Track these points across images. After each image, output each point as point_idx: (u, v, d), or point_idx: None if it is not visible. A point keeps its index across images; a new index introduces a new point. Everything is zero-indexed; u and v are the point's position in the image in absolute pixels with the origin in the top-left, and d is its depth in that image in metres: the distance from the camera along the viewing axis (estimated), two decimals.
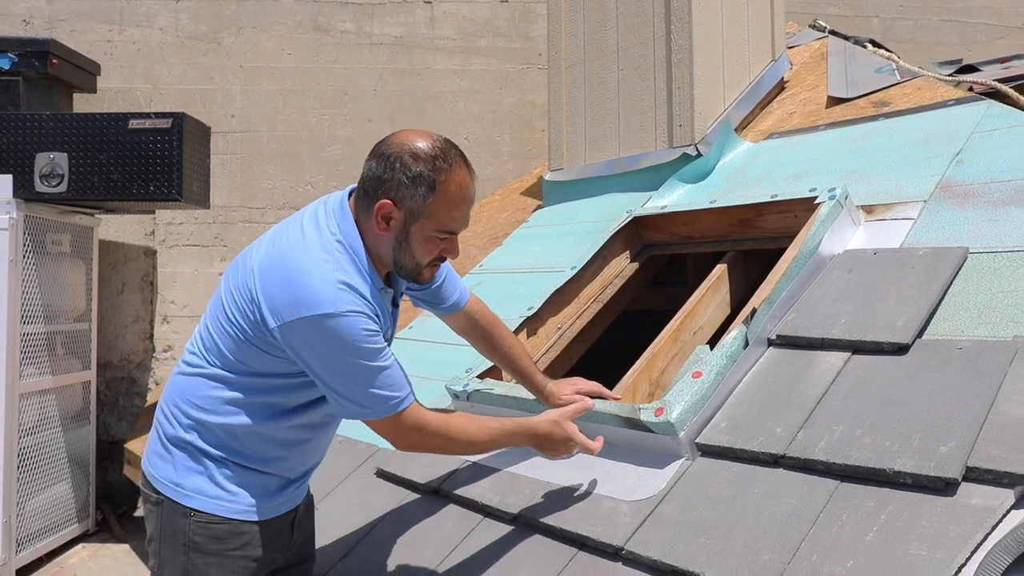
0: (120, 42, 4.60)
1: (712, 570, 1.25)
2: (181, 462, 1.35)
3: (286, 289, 1.22)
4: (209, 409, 1.34)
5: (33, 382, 3.41)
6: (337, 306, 1.20)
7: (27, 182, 3.28)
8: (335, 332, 1.20)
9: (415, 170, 1.23)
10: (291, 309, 1.21)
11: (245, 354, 1.31)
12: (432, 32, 4.81)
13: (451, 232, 1.30)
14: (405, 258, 1.30)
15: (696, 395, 1.57)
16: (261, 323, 1.25)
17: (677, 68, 2.87)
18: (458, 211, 1.28)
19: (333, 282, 1.21)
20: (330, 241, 1.26)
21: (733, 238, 2.32)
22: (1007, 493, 1.15)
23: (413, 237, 1.27)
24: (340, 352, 1.22)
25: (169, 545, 1.34)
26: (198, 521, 1.33)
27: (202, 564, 1.33)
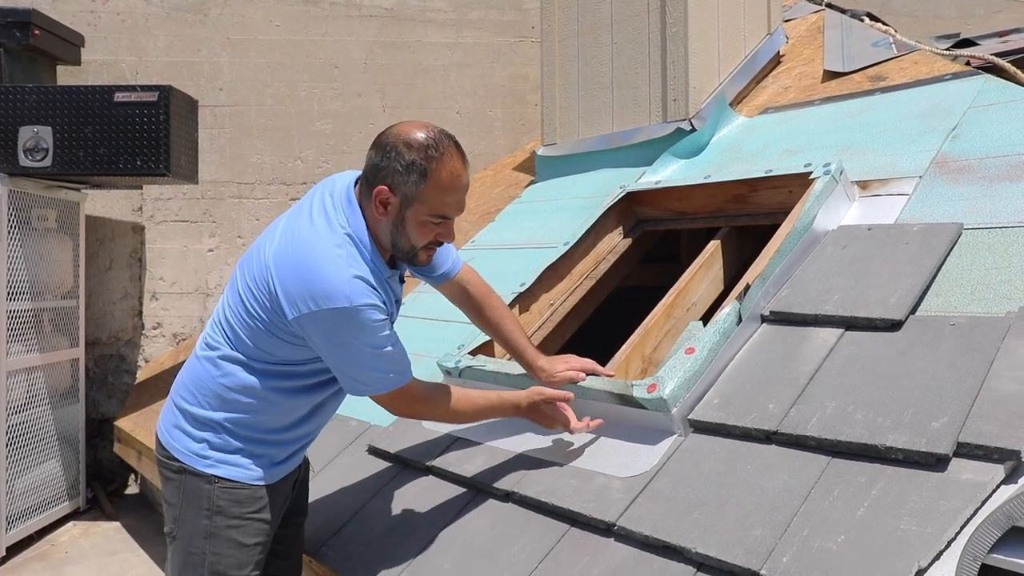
0: (104, 12, 4.49)
1: (704, 545, 1.25)
2: (205, 436, 1.45)
3: (303, 283, 1.31)
4: (232, 388, 1.44)
5: (20, 359, 3.38)
6: (351, 300, 1.30)
7: (11, 156, 3.22)
8: (348, 323, 1.31)
9: (408, 158, 1.31)
10: (308, 302, 1.30)
11: (266, 343, 1.41)
12: (423, 4, 4.72)
13: (444, 217, 1.37)
14: (402, 240, 1.38)
15: (689, 371, 1.57)
16: (280, 314, 1.34)
17: (671, 41, 2.83)
18: (450, 197, 1.35)
19: (347, 277, 1.30)
20: (340, 234, 1.34)
21: (727, 214, 2.31)
22: (997, 468, 1.15)
23: (408, 221, 1.35)
24: (352, 340, 1.33)
25: (192, 510, 1.44)
26: (222, 487, 1.43)
27: (224, 526, 1.42)
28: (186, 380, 1.50)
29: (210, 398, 1.45)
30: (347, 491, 1.92)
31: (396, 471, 1.91)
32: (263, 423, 1.46)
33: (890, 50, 2.70)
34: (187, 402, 1.47)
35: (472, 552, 1.52)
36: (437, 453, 1.85)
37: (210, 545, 1.42)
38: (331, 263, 1.31)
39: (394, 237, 1.37)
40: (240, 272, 1.45)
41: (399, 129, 1.35)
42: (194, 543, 1.43)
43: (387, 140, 1.34)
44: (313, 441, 1.62)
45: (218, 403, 1.44)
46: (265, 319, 1.38)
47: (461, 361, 2.01)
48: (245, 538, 1.44)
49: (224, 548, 1.42)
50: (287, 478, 1.55)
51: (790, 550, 1.17)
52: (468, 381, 1.98)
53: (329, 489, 1.95)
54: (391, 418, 2.12)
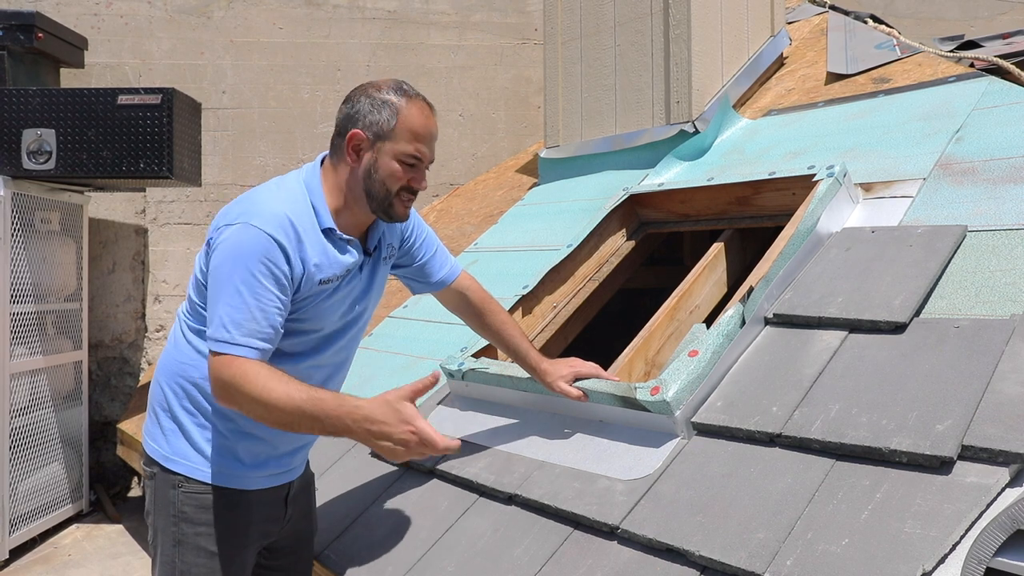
0: (107, 15, 4.51)
1: (707, 548, 1.25)
2: (169, 430, 1.40)
3: (233, 206, 1.31)
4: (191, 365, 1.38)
5: (23, 362, 3.38)
6: (264, 222, 1.25)
7: (14, 159, 3.22)
8: (242, 242, 1.25)
9: (378, 98, 1.34)
10: (227, 219, 1.29)
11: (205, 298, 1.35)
12: (426, 7, 4.73)
13: (416, 158, 1.35)
14: (376, 187, 1.35)
15: (692, 374, 1.56)
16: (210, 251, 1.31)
17: (675, 43, 2.83)
18: (422, 135, 1.35)
19: (277, 212, 1.28)
20: (287, 184, 1.35)
21: (730, 216, 2.31)
22: (1002, 471, 1.14)
23: (381, 162, 1.34)
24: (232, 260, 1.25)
25: (161, 516, 1.39)
26: (187, 492, 1.36)
27: (192, 534, 1.36)
28: (158, 373, 1.46)
29: (170, 382, 1.40)
30: (350, 494, 1.91)
31: (399, 474, 1.91)
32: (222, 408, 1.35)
33: (894, 52, 2.69)
34: (155, 395, 1.44)
35: (475, 555, 1.52)
36: (440, 457, 1.85)
37: (178, 553, 1.36)
38: (269, 195, 1.31)
39: (367, 184, 1.35)
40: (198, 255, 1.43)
41: (366, 83, 1.39)
42: (165, 552, 1.38)
43: (356, 92, 1.38)
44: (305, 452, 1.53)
45: (175, 386, 1.39)
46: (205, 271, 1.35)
47: (464, 364, 2.01)
48: (214, 546, 1.36)
49: (192, 556, 1.36)
50: (276, 490, 1.45)
51: (794, 553, 1.17)
52: (472, 384, 1.98)
53: (332, 492, 1.95)
54: None
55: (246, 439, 1.39)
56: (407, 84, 1.38)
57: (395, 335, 2.64)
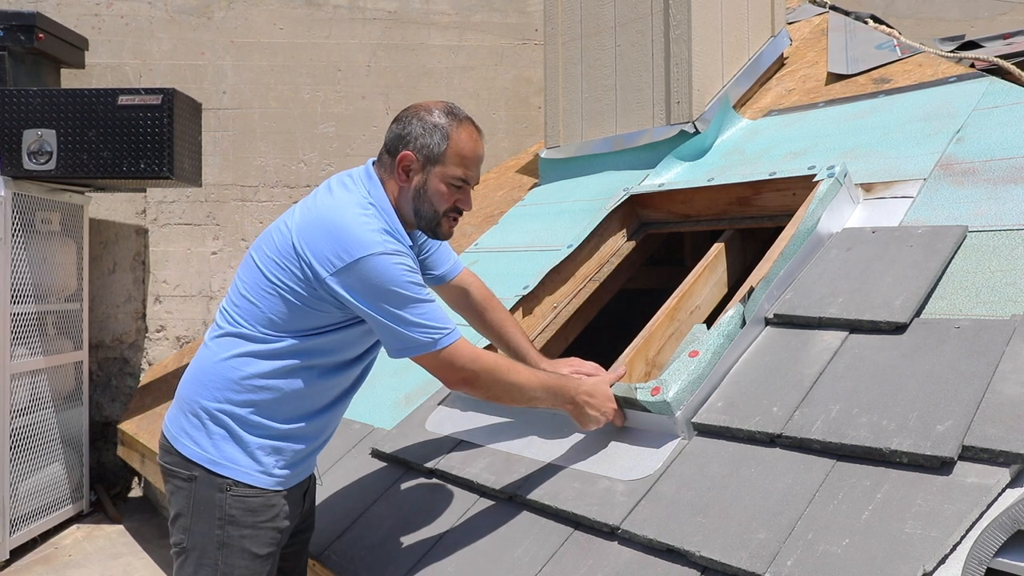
0: (108, 16, 4.51)
1: (708, 549, 1.25)
2: (217, 435, 1.40)
3: (334, 239, 1.32)
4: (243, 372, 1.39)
5: (24, 362, 3.38)
6: (384, 247, 1.32)
7: (15, 159, 3.23)
8: (383, 269, 1.31)
9: (430, 122, 1.39)
10: (342, 255, 1.31)
11: (294, 313, 1.38)
12: (426, 7, 4.73)
13: (464, 180, 1.41)
14: (425, 206, 1.41)
15: (693, 374, 1.56)
16: (313, 279, 1.34)
17: (675, 44, 2.83)
18: (470, 159, 1.41)
19: (375, 228, 1.34)
20: (364, 202, 1.38)
21: (731, 216, 2.31)
22: (1003, 471, 1.14)
23: (430, 184, 1.40)
24: (389, 287, 1.32)
25: (203, 519, 1.39)
26: (235, 495, 1.39)
27: (236, 536, 1.39)
28: (200, 376, 1.44)
29: (222, 388, 1.40)
30: (350, 494, 1.91)
31: (399, 474, 1.91)
32: (277, 413, 1.41)
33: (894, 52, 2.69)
34: (200, 399, 1.41)
35: (476, 555, 1.52)
36: (440, 456, 1.85)
37: (222, 556, 1.38)
38: (358, 220, 1.33)
39: (417, 204, 1.41)
40: (256, 253, 1.43)
41: (416, 104, 1.43)
42: (206, 554, 1.39)
43: (407, 113, 1.42)
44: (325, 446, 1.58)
45: (230, 392, 1.39)
46: (294, 288, 1.36)
47: None
48: (258, 548, 1.40)
49: (236, 559, 1.39)
50: (299, 486, 1.51)
51: (794, 554, 1.17)
52: None
53: (332, 492, 1.95)
54: (394, 421, 2.12)
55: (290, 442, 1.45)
56: (456, 107, 1.43)
57: None
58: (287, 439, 1.44)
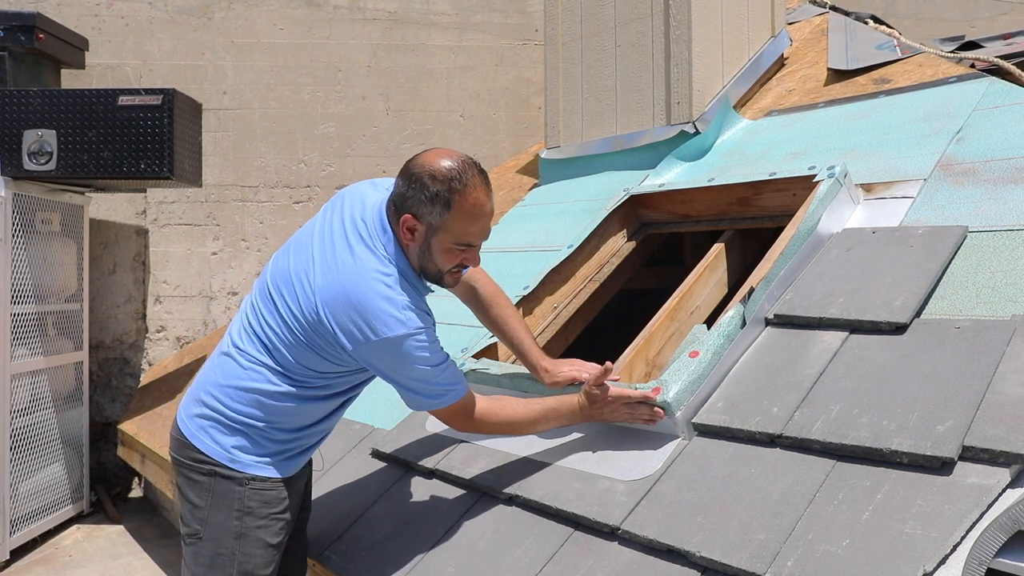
0: (108, 16, 4.51)
1: (708, 549, 1.25)
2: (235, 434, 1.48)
3: (360, 316, 1.36)
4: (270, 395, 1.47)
5: (24, 363, 3.38)
6: (408, 327, 1.37)
7: (15, 160, 3.23)
8: (407, 348, 1.38)
9: (432, 190, 1.36)
10: (367, 333, 1.36)
11: (307, 358, 1.45)
12: (427, 7, 4.73)
13: (468, 245, 1.42)
14: (429, 266, 1.44)
15: (693, 375, 1.56)
16: (336, 344, 1.40)
17: (675, 44, 2.83)
18: (473, 226, 1.40)
19: (400, 305, 1.37)
20: (386, 264, 1.40)
21: (731, 216, 2.31)
22: (1003, 472, 1.14)
23: (434, 248, 1.41)
24: (412, 363, 1.40)
25: (222, 511, 1.47)
26: (253, 488, 1.47)
27: (254, 527, 1.47)
28: (220, 381, 1.50)
29: (246, 402, 1.47)
30: (351, 494, 1.91)
31: (399, 474, 1.91)
32: (294, 423, 1.51)
33: (894, 52, 2.69)
34: (221, 403, 1.48)
35: (476, 555, 1.52)
36: (440, 456, 1.85)
37: (240, 546, 1.45)
38: (382, 296, 1.36)
39: (422, 262, 1.43)
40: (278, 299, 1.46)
41: (425, 158, 1.39)
42: (224, 544, 1.45)
43: (413, 170, 1.38)
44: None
45: (255, 406, 1.47)
46: (315, 343, 1.42)
47: (465, 364, 2.01)
48: (271, 537, 1.48)
49: (253, 548, 1.46)
50: (301, 473, 1.60)
51: (795, 554, 1.17)
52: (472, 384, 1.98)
53: (333, 492, 1.95)
54: (394, 421, 2.12)
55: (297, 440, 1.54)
56: (465, 165, 1.37)
57: None
58: (297, 440, 1.54)
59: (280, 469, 1.51)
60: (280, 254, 1.52)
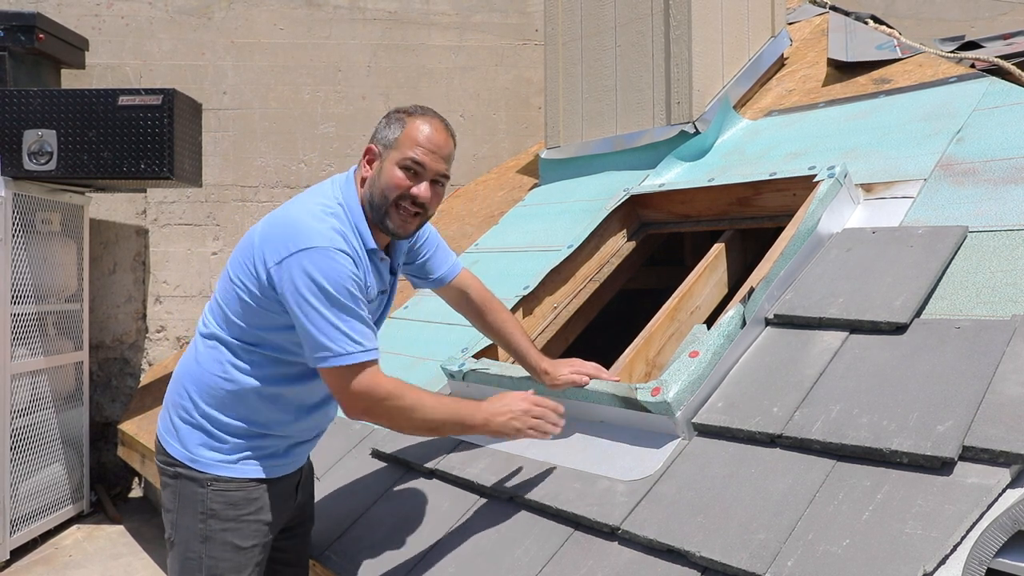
0: (108, 16, 4.51)
1: (708, 549, 1.25)
2: (194, 432, 1.44)
3: (284, 230, 1.33)
4: (221, 376, 1.42)
5: (24, 363, 3.38)
6: (330, 241, 1.30)
7: (15, 160, 3.23)
8: (320, 265, 1.29)
9: (394, 116, 1.43)
10: (287, 245, 1.31)
11: (251, 315, 1.39)
12: (427, 7, 4.73)
13: (417, 163, 1.38)
14: (376, 194, 1.40)
15: (693, 375, 1.56)
16: (263, 272, 1.34)
17: (675, 44, 2.83)
18: (422, 143, 1.39)
19: (327, 225, 1.33)
20: (330, 200, 1.38)
21: (731, 216, 2.31)
22: (1003, 472, 1.14)
23: (384, 168, 1.40)
24: (321, 282, 1.29)
25: (187, 514, 1.43)
26: (215, 490, 1.42)
27: (219, 530, 1.42)
28: (181, 377, 1.49)
29: (197, 390, 1.44)
30: (351, 494, 1.91)
31: (400, 474, 1.91)
32: (255, 414, 1.44)
33: (895, 52, 2.69)
34: (182, 399, 1.46)
35: (476, 555, 1.52)
36: (440, 456, 1.85)
37: (206, 549, 1.41)
38: (312, 215, 1.34)
39: (371, 192, 1.40)
40: (230, 259, 1.46)
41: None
42: (191, 547, 1.42)
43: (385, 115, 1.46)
44: (317, 442, 1.60)
45: (205, 394, 1.43)
46: (250, 287, 1.37)
47: (465, 364, 2.01)
48: (241, 540, 1.42)
49: (220, 551, 1.41)
50: (288, 479, 1.52)
51: (795, 554, 1.17)
52: (472, 384, 1.98)
53: (333, 493, 1.95)
54: None
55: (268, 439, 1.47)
56: (426, 108, 1.44)
57: (396, 336, 2.64)
58: (262, 437, 1.46)
59: (250, 470, 1.43)
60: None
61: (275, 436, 1.47)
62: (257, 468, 1.45)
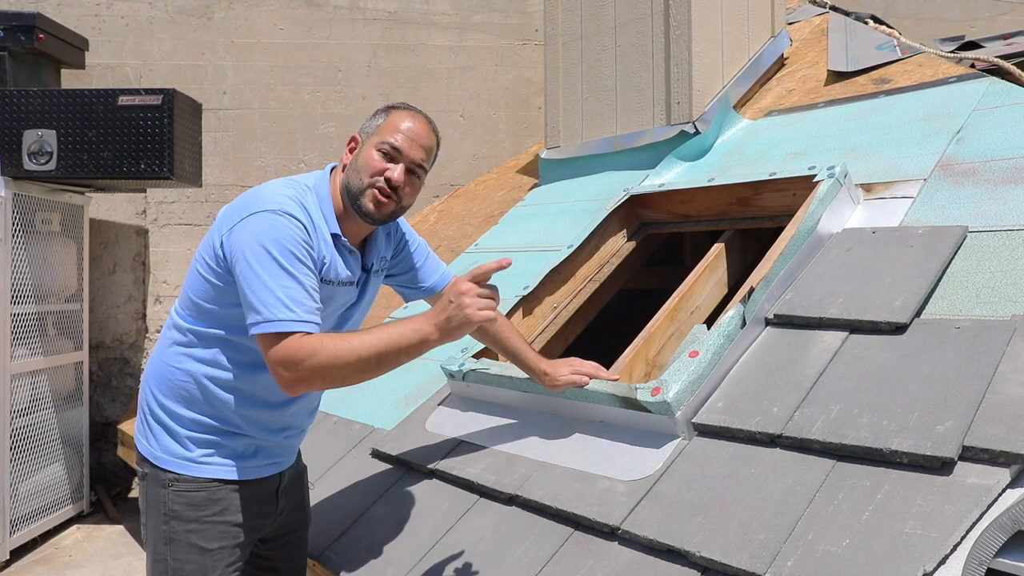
0: (108, 16, 4.51)
1: (708, 549, 1.25)
2: (157, 429, 1.42)
3: (240, 201, 1.35)
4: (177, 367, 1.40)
5: (24, 363, 3.38)
6: (280, 205, 1.30)
7: (15, 160, 3.23)
8: (267, 224, 1.28)
9: (379, 110, 1.47)
10: (240, 212, 1.32)
11: (209, 293, 1.36)
12: (427, 7, 4.73)
13: (394, 147, 1.39)
14: (352, 177, 1.40)
15: (693, 375, 1.56)
16: (218, 242, 1.32)
17: (675, 44, 2.83)
18: (402, 129, 1.40)
19: (284, 195, 1.33)
20: (297, 182, 1.40)
21: (731, 216, 2.31)
22: (1003, 472, 1.14)
23: (363, 151, 1.41)
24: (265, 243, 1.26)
25: (153, 516, 1.41)
26: (176, 490, 1.38)
27: (182, 531, 1.38)
28: (146, 373, 1.48)
29: (159, 384, 1.42)
30: (350, 495, 1.91)
31: (399, 474, 1.91)
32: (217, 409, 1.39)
33: (894, 53, 2.69)
34: (146, 395, 1.45)
35: (476, 555, 1.52)
36: (440, 456, 1.85)
37: (170, 551, 1.38)
38: (270, 187, 1.36)
39: (348, 176, 1.41)
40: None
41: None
42: (157, 549, 1.40)
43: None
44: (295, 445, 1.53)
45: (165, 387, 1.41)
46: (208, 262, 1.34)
47: (465, 364, 2.01)
48: (206, 542, 1.37)
49: (184, 554, 1.37)
50: (264, 482, 1.45)
51: (795, 554, 1.17)
52: (472, 384, 1.98)
53: (332, 493, 1.95)
54: (394, 421, 2.12)
55: (231, 437, 1.41)
56: (419, 109, 1.47)
57: None
58: (223, 435, 1.40)
59: (209, 470, 1.38)
60: None
61: (238, 435, 1.41)
62: (221, 469, 1.39)
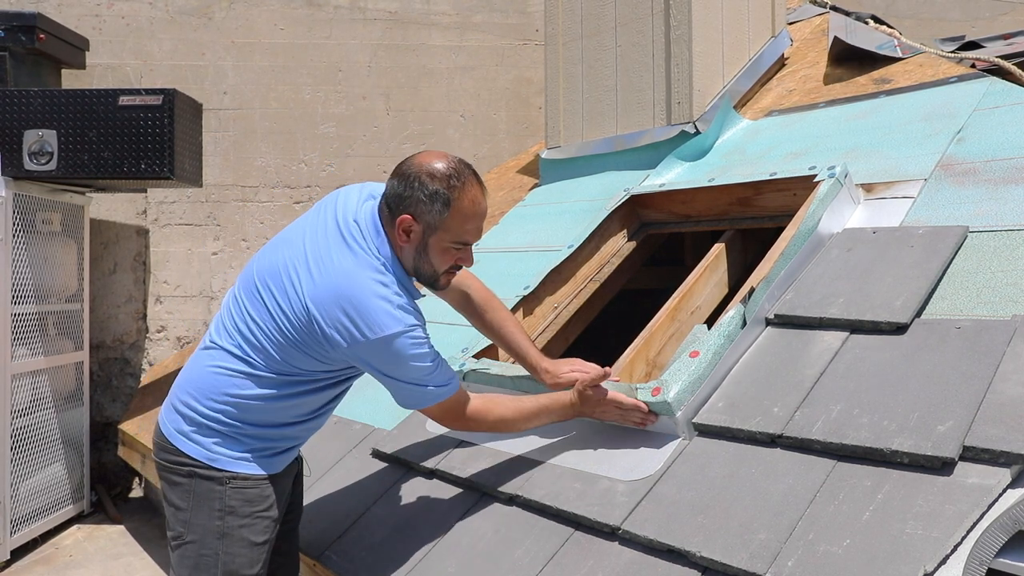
0: (109, 16, 4.51)
1: (708, 549, 1.25)
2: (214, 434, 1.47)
3: (352, 316, 1.35)
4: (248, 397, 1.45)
5: (25, 363, 3.38)
6: (404, 324, 1.37)
7: (16, 160, 3.23)
8: (402, 346, 1.38)
9: (431, 188, 1.37)
10: (365, 331, 1.36)
11: (294, 357, 1.43)
12: (427, 7, 4.73)
13: (465, 243, 1.44)
14: (424, 267, 1.44)
15: (693, 375, 1.56)
16: (326, 343, 1.38)
17: (675, 44, 2.83)
18: (471, 224, 1.42)
19: (396, 304, 1.37)
20: (378, 264, 1.40)
21: (731, 216, 2.31)
22: (1004, 472, 1.14)
23: (431, 248, 1.41)
24: (406, 360, 1.40)
25: (203, 512, 1.46)
26: (234, 487, 1.46)
27: (236, 526, 1.46)
28: (196, 382, 1.49)
29: (223, 402, 1.46)
30: (351, 494, 1.91)
31: (400, 474, 1.91)
32: (274, 419, 1.50)
33: (895, 52, 2.69)
34: (199, 403, 1.47)
35: (476, 555, 1.52)
36: (441, 456, 1.85)
37: (223, 545, 1.44)
38: (378, 295, 1.36)
39: (416, 263, 1.43)
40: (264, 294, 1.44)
41: (420, 159, 1.40)
42: (207, 544, 1.45)
43: (409, 170, 1.39)
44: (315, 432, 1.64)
45: (232, 406, 1.46)
46: (303, 342, 1.40)
47: (465, 364, 2.01)
48: (256, 536, 1.47)
49: (237, 548, 1.45)
50: (287, 471, 1.58)
51: (795, 554, 1.17)
52: (472, 384, 1.98)
53: (333, 492, 1.95)
54: (395, 421, 2.12)
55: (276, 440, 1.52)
56: (460, 165, 1.41)
57: None
58: (276, 439, 1.52)
59: (262, 466, 1.49)
60: (267, 249, 1.51)
61: (284, 435, 1.52)
62: (268, 464, 1.50)
